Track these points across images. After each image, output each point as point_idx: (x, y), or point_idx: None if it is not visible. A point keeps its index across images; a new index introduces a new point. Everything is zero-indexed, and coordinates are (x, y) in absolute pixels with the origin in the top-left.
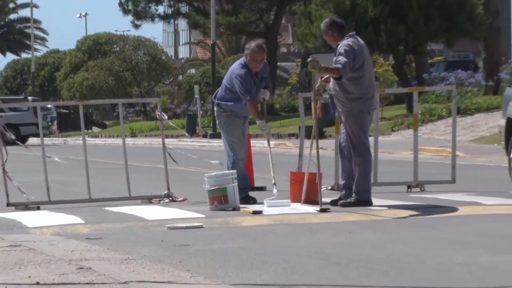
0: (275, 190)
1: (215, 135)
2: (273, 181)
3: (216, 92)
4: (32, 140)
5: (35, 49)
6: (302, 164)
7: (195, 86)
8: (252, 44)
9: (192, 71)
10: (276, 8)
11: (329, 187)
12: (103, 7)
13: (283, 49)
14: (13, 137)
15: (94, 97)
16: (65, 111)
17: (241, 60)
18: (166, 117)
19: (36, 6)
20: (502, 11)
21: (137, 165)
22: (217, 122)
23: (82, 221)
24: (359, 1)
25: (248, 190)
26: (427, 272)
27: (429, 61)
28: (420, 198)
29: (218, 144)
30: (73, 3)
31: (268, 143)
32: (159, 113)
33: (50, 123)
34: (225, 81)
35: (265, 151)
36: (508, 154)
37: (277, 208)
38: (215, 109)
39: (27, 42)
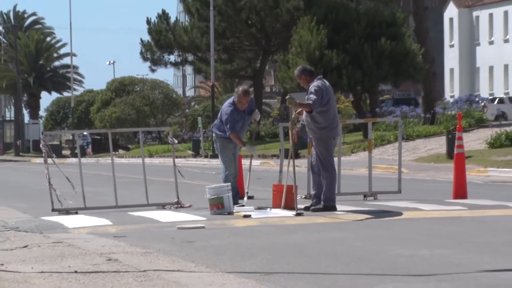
0: (245, 199)
1: (214, 156)
2: (246, 190)
3: (214, 123)
4: (71, 160)
5: (74, 89)
6: (281, 178)
7: (198, 117)
8: (240, 89)
9: (196, 106)
10: (261, 58)
11: (303, 196)
12: (128, 56)
13: (267, 89)
14: (54, 156)
15: (120, 126)
16: (97, 137)
17: (231, 99)
18: (176, 141)
19: (74, 55)
20: (437, 59)
21: (153, 179)
22: (214, 145)
23: (110, 223)
24: (326, 52)
25: (235, 197)
26: (380, 262)
27: (380, 98)
28: (374, 205)
29: (216, 162)
30: (104, 53)
31: (250, 160)
32: (171, 139)
33: (86, 147)
34: (219, 116)
35: (254, 168)
36: None
37: (262, 213)
38: (213, 135)
39: (68, 84)
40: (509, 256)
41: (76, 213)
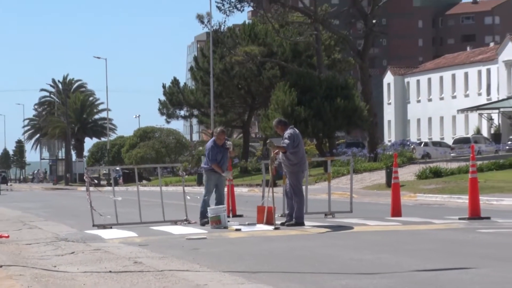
0: (230, 222)
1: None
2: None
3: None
4: (107, 188)
5: (109, 135)
6: (263, 201)
7: (202, 156)
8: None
9: (200, 148)
10: (248, 112)
11: (280, 215)
12: (149, 111)
13: (252, 135)
14: (95, 181)
15: (143, 163)
16: (127, 171)
17: (212, 140)
18: (185, 174)
19: (109, 110)
20: (378, 113)
21: (168, 202)
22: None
23: (136, 235)
24: (296, 108)
25: (205, 214)
26: (337, 264)
27: (336, 142)
28: (332, 221)
29: None
30: (132, 108)
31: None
32: (181, 172)
33: (118, 178)
34: (205, 153)
35: (243, 194)
36: None
37: (249, 227)
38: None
39: (105, 132)
40: (433, 260)
41: (111, 227)
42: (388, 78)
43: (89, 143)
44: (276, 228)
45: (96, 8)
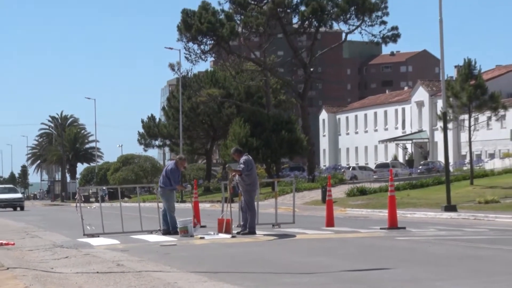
0: (193, 229)
1: (183, 201)
2: (193, 219)
3: (160, 182)
4: (96, 204)
5: (97, 161)
6: (223, 214)
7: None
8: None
9: None
10: (211, 142)
11: (236, 225)
12: (130, 141)
13: (214, 161)
14: (83, 199)
15: (125, 183)
16: (111, 190)
17: (173, 163)
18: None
19: (98, 141)
20: (315, 144)
21: (145, 215)
22: (161, 197)
23: (119, 242)
24: (249, 139)
25: (176, 228)
26: (282, 265)
27: (282, 166)
28: (278, 231)
29: (184, 205)
30: (116, 139)
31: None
32: (155, 191)
33: (104, 196)
34: (165, 175)
35: (206, 209)
36: None
37: (211, 236)
38: (159, 190)
39: (93, 158)
40: (360, 262)
41: (98, 236)
42: (323, 115)
43: (80, 167)
44: (233, 237)
45: (89, 53)
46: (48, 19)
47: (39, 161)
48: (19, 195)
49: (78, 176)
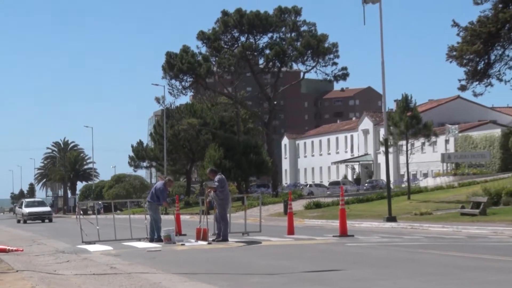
0: (177, 239)
1: (167, 213)
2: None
3: (149, 197)
4: (92, 216)
5: (94, 180)
6: (200, 225)
7: (152, 191)
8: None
9: None
10: (190, 164)
11: (212, 234)
12: (122, 162)
13: (193, 180)
14: (82, 212)
15: (118, 199)
16: (106, 204)
17: (163, 183)
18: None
19: (94, 163)
20: (278, 165)
21: (134, 225)
22: (148, 210)
23: (112, 248)
24: (223, 161)
25: (160, 236)
26: (251, 267)
27: (250, 184)
28: (247, 238)
29: (168, 217)
30: (110, 161)
31: (173, 213)
32: (143, 205)
33: (100, 209)
34: (154, 192)
35: (187, 220)
36: None
37: (191, 243)
38: (147, 204)
39: (91, 177)
40: (316, 264)
41: (94, 243)
42: (285, 140)
43: (80, 185)
44: (209, 243)
45: (88, 88)
46: (52, 60)
47: (44, 180)
48: (48, 209)
49: (77, 192)
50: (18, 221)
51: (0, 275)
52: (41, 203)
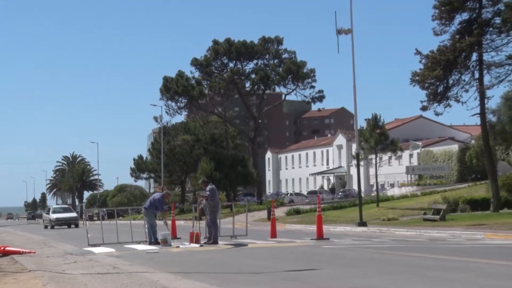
0: (172, 242)
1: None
2: (169, 233)
3: (146, 205)
4: (98, 222)
5: (99, 189)
6: (193, 229)
7: (150, 200)
8: (168, 192)
9: None
10: (185, 175)
11: (203, 237)
12: (124, 173)
13: (187, 189)
14: (88, 219)
15: (120, 206)
16: (110, 211)
17: (161, 194)
18: (143, 211)
19: (99, 174)
20: (262, 176)
21: (134, 230)
22: (144, 217)
23: (115, 250)
24: (213, 173)
25: (157, 239)
26: (238, 267)
27: (237, 193)
28: (235, 241)
29: (158, 222)
30: (113, 172)
31: (166, 222)
32: (142, 213)
33: (104, 215)
34: (152, 202)
35: (181, 225)
36: None
37: (185, 245)
38: (143, 210)
39: (96, 187)
40: (296, 264)
41: (99, 246)
42: (268, 154)
43: (86, 194)
44: (201, 246)
45: (94, 107)
46: (60, 79)
47: (55, 189)
48: (74, 215)
49: (84, 200)
50: (46, 227)
51: (15, 275)
52: (67, 209)
